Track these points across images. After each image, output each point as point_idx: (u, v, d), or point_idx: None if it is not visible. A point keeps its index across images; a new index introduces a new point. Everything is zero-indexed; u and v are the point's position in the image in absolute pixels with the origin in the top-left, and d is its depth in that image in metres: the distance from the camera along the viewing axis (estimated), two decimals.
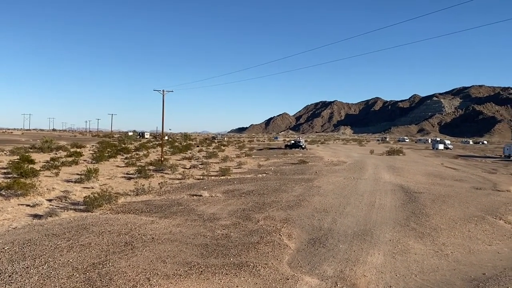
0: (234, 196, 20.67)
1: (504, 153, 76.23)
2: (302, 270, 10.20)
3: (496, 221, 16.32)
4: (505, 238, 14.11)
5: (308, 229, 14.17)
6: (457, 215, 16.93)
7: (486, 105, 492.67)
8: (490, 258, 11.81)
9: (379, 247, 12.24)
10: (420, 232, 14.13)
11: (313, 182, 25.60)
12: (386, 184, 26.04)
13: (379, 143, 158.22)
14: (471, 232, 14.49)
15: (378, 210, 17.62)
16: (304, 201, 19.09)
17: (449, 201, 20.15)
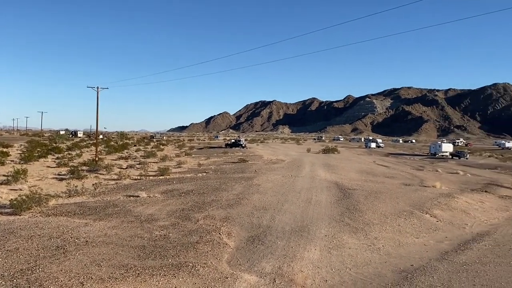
0: (173, 196, 20.36)
1: (430, 151, 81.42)
2: (241, 268, 10.28)
3: (423, 215, 17.38)
4: (430, 231, 15.09)
5: (248, 227, 14.29)
6: (388, 210, 17.83)
7: (414, 106, 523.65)
8: (417, 250, 12.58)
9: (316, 242, 12.62)
10: (354, 227, 14.74)
11: (252, 181, 25.83)
12: (322, 182, 26.86)
13: (315, 142, 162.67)
14: (401, 226, 15.34)
15: (315, 207, 18.14)
16: (244, 199, 19.22)
17: (380, 197, 21.17)
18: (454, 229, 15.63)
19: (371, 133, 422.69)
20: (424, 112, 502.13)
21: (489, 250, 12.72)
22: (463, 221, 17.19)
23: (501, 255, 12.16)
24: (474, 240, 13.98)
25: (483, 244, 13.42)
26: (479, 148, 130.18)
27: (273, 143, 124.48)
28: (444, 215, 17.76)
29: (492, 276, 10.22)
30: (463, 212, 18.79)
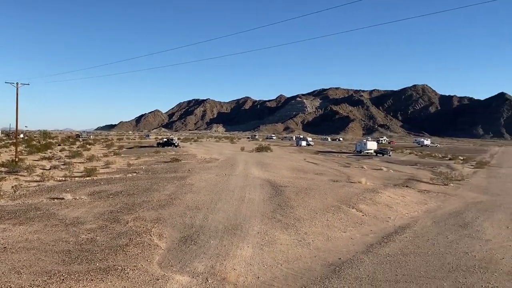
0: (101, 197, 19.52)
1: (356, 149, 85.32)
2: (173, 269, 10.11)
3: (350, 210, 18.17)
4: (357, 225, 15.82)
5: (180, 227, 14.08)
6: (318, 206, 18.43)
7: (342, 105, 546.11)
8: (344, 243, 13.13)
9: (248, 240, 12.73)
10: (286, 223, 15.06)
11: (185, 180, 25.49)
12: (255, 179, 27.16)
13: (249, 140, 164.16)
14: (329, 221, 15.92)
15: (248, 205, 18.30)
16: (176, 199, 18.91)
17: (310, 193, 21.82)
18: (378, 223, 16.52)
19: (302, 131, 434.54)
20: (351, 111, 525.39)
21: (409, 241, 13.60)
22: (387, 214, 18.21)
23: (420, 245, 13.05)
24: (396, 232, 14.86)
25: (404, 236, 14.31)
26: (401, 145, 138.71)
27: (207, 142, 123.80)
28: (369, 209, 18.70)
29: (412, 266, 10.92)
30: (387, 206, 19.91)
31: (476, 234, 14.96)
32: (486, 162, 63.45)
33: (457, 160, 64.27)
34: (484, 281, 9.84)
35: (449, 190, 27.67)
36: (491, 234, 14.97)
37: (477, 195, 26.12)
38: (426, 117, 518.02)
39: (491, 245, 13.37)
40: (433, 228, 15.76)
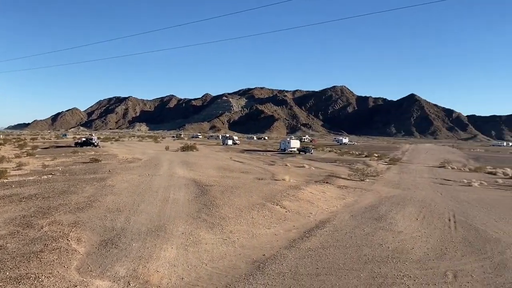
0: (11, 201, 18.08)
1: (280, 147, 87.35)
2: (92, 274, 9.66)
3: (274, 207, 18.56)
4: (280, 221, 16.21)
5: (100, 230, 13.48)
6: (243, 204, 18.60)
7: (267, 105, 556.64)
8: (269, 240, 13.40)
9: (173, 241, 12.52)
10: (211, 223, 15.03)
11: (106, 181, 24.45)
12: (180, 179, 26.77)
13: (174, 139, 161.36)
14: (254, 219, 16.14)
15: (172, 205, 17.99)
16: (96, 201, 18.07)
17: (236, 191, 21.97)
18: (300, 218, 17.06)
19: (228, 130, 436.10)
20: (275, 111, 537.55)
21: (329, 235, 14.21)
22: (308, 210, 18.86)
23: (339, 239, 13.69)
24: (317, 227, 15.45)
25: (324, 230, 14.93)
26: (322, 144, 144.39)
27: (130, 141, 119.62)
28: (292, 205, 19.25)
29: (332, 258, 11.43)
30: (308, 202, 20.62)
31: (389, 226, 16.00)
32: (398, 158, 68.07)
33: (372, 157, 68.26)
34: (396, 270, 10.56)
35: (365, 186, 29.30)
36: (403, 226, 16.10)
37: (390, 189, 27.94)
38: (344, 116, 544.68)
39: (403, 236, 14.39)
40: (351, 222, 16.61)
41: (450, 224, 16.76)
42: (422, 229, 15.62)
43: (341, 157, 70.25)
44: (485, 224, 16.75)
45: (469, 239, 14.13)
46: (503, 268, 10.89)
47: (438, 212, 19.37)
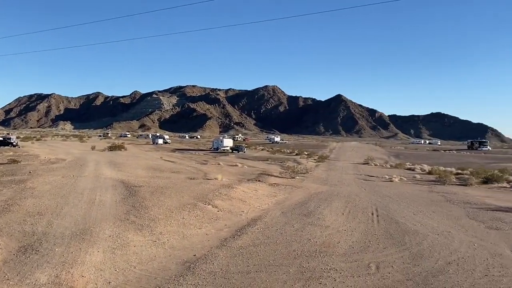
0: None
1: (213, 146, 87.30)
2: (10, 283, 9.00)
3: (206, 207, 18.45)
4: (212, 221, 16.15)
5: (19, 236, 12.58)
6: (174, 205, 18.29)
7: (199, 103, 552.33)
8: (200, 240, 13.30)
9: (99, 244, 12.01)
10: (140, 224, 14.61)
11: (26, 183, 22.87)
12: (107, 180, 25.76)
13: (101, 139, 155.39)
14: (185, 219, 15.93)
15: (99, 207, 17.24)
16: (14, 205, 16.82)
17: (166, 192, 21.56)
18: (232, 217, 17.12)
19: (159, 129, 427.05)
20: (208, 109, 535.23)
21: (260, 232, 14.40)
22: (240, 208, 18.98)
23: (270, 236, 13.93)
24: (249, 225, 15.59)
25: (256, 228, 15.10)
26: (255, 142, 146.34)
27: (53, 141, 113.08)
28: (224, 204, 19.27)
29: (262, 255, 11.60)
30: (241, 201, 20.76)
31: (317, 221, 16.55)
32: (326, 156, 70.77)
33: (302, 155, 70.36)
34: (323, 264, 10.95)
35: (295, 183, 30.09)
36: (330, 221, 16.73)
37: (319, 186, 28.94)
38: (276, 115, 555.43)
39: (330, 231, 14.95)
40: (282, 219, 16.96)
41: (373, 217, 17.69)
42: (347, 223, 16.33)
43: (273, 155, 71.61)
44: (405, 217, 17.88)
45: (390, 232, 14.99)
46: (420, 258, 11.68)
47: (362, 207, 20.37)
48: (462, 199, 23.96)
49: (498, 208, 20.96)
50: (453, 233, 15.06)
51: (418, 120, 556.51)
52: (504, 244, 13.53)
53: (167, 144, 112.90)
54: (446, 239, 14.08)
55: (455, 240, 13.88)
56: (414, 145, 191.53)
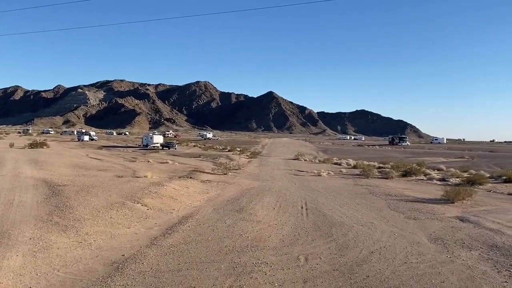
0: None
1: (143, 143, 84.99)
2: None
3: (135, 205, 17.94)
4: (141, 219, 15.76)
5: None
6: (101, 204, 17.58)
7: (127, 98, 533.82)
8: (129, 239, 12.92)
9: (18, 248, 11.25)
10: (64, 225, 13.89)
11: None
12: (27, 180, 24.17)
13: (20, 135, 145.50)
14: (113, 218, 15.39)
15: (18, 208, 16.13)
16: None
17: (93, 191, 20.66)
18: (163, 215, 16.82)
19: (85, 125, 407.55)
20: (137, 105, 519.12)
21: (192, 230, 14.30)
22: (171, 206, 18.69)
23: (201, 233, 13.88)
24: (180, 223, 15.41)
25: (187, 225, 14.96)
26: (186, 139, 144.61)
27: None
28: (154, 202, 18.87)
29: (194, 253, 11.53)
30: (171, 198, 20.44)
31: (249, 217, 16.76)
32: (258, 152, 71.71)
33: (235, 151, 70.73)
34: (254, 258, 11.12)
35: (228, 179, 30.21)
36: (261, 216, 17.01)
37: (251, 181, 29.28)
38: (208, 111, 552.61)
39: (261, 226, 15.20)
40: (214, 215, 16.96)
41: (303, 211, 18.25)
42: (278, 218, 16.71)
43: (206, 151, 71.29)
44: (332, 210, 18.64)
45: (318, 224, 15.56)
46: (345, 249, 12.25)
47: (292, 201, 20.93)
48: (383, 192, 25.45)
49: (416, 199, 22.53)
50: (375, 223, 15.96)
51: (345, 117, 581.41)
52: (422, 233, 14.58)
53: (93, 141, 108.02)
54: (369, 229, 14.89)
55: (378, 231, 14.73)
56: (340, 141, 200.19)
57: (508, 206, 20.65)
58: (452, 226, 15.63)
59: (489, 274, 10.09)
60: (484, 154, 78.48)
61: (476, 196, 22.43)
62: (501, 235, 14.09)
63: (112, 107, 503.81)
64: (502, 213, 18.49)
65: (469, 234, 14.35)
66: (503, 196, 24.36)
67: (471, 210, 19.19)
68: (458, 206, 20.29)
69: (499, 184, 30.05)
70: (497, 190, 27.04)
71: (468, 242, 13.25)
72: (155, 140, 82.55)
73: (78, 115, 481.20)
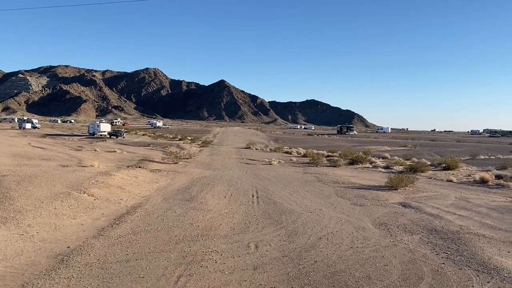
0: None
1: (89, 131, 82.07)
2: None
3: (81, 195, 17.34)
4: (88, 210, 15.28)
5: None
6: (44, 194, 16.84)
7: (73, 85, 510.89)
8: (74, 231, 12.50)
9: None
10: (3, 217, 13.18)
11: None
12: None
13: None
14: (57, 209, 14.81)
15: None
16: None
17: (36, 181, 19.72)
18: (110, 205, 16.39)
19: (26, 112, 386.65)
20: (83, 92, 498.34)
21: (141, 220, 14.05)
22: (119, 196, 18.25)
23: (151, 222, 13.68)
24: (128, 213, 15.10)
25: (136, 215, 14.69)
26: (135, 127, 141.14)
27: None
28: (102, 192, 18.34)
29: (143, 243, 11.35)
30: (119, 188, 19.95)
31: (200, 206, 16.71)
32: (210, 141, 71.41)
33: (186, 140, 70.00)
34: (205, 247, 11.12)
35: (178, 168, 29.88)
36: (212, 205, 17.01)
37: (202, 171, 29.14)
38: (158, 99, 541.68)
39: (212, 214, 15.21)
40: (163, 205, 16.75)
41: (254, 199, 18.44)
42: (229, 206, 16.78)
43: (155, 140, 70.05)
44: (282, 198, 18.96)
45: (269, 212, 15.79)
46: (295, 235, 12.52)
47: (243, 190, 21.08)
48: (332, 179, 26.19)
49: (362, 186, 23.38)
50: (323, 210, 16.42)
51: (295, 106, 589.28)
52: (367, 218, 15.17)
53: (36, 129, 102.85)
54: (317, 216, 15.30)
55: (325, 217, 15.17)
56: (291, 130, 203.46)
57: (447, 192, 21.90)
58: (395, 212, 16.38)
59: (428, 257, 10.69)
60: (426, 143, 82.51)
61: (418, 183, 23.60)
62: (440, 220, 14.96)
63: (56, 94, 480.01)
64: (441, 199, 19.61)
65: (410, 219, 15.12)
66: (442, 183, 25.79)
67: (413, 196, 20.20)
68: (401, 192, 21.28)
69: (439, 172, 31.79)
70: (437, 177, 28.60)
71: (410, 226, 13.96)
72: (102, 128, 79.96)
73: (19, 101, 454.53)
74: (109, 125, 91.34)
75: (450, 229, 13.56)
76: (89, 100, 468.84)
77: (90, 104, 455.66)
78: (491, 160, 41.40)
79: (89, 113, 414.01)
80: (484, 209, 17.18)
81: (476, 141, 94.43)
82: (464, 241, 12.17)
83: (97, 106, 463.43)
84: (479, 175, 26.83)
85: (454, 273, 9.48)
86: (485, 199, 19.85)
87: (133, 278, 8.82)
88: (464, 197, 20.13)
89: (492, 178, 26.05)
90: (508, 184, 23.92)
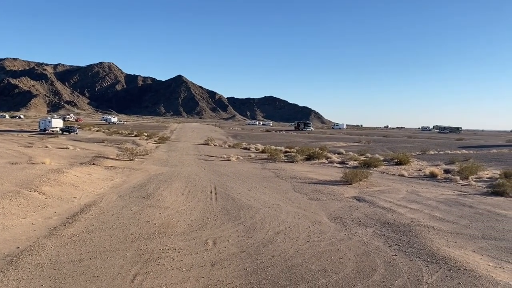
0: None
1: (40, 127, 78.85)
2: None
3: (31, 194, 16.66)
4: (39, 209, 14.70)
5: None
6: None
7: (22, 79, 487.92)
8: (24, 230, 11.99)
9: None
10: None
11: None
12: None
13: None
14: (6, 209, 14.14)
15: None
16: None
17: None
18: (63, 204, 15.84)
19: None
20: (33, 86, 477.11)
21: (95, 218, 13.68)
22: (72, 194, 17.67)
23: (105, 221, 13.34)
24: (82, 211, 14.64)
25: (90, 214, 14.27)
26: (89, 123, 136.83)
27: None
28: (53, 191, 17.69)
29: (97, 242, 11.06)
30: (72, 186, 19.31)
31: (156, 203, 16.46)
32: (167, 137, 70.40)
33: (142, 136, 68.68)
34: (162, 245, 10.99)
35: (134, 165, 29.26)
36: (170, 202, 16.80)
37: (159, 167, 28.69)
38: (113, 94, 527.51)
39: (169, 211, 15.02)
40: (119, 202, 16.37)
41: (212, 196, 18.38)
42: (187, 203, 16.64)
43: (110, 136, 68.22)
44: (240, 194, 19.01)
45: (227, 208, 15.80)
46: (253, 231, 12.61)
47: (201, 186, 20.95)
48: (289, 175, 26.52)
49: (318, 181, 23.83)
50: (281, 205, 16.62)
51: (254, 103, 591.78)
52: (323, 212, 15.50)
53: None
54: (275, 211, 15.47)
55: (283, 212, 15.36)
56: (250, 126, 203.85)
57: (399, 186, 22.74)
58: (350, 206, 16.84)
59: (381, 249, 11.08)
60: (379, 139, 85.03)
61: (371, 177, 24.34)
62: (392, 213, 15.53)
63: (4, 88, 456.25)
64: (393, 192, 20.34)
65: (364, 212, 15.59)
66: (395, 177, 26.75)
67: (366, 190, 20.82)
68: (356, 187, 21.89)
69: (392, 166, 32.92)
70: (390, 172, 29.61)
71: (364, 220, 14.40)
72: (54, 124, 76.96)
73: None
74: (61, 120, 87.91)
75: (402, 222, 14.11)
76: (40, 94, 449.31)
77: (41, 99, 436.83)
78: (440, 155, 43.22)
79: (40, 109, 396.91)
80: (434, 202, 17.99)
81: (426, 137, 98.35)
82: (415, 233, 12.70)
83: (49, 101, 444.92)
84: (429, 170, 28.06)
85: (405, 264, 9.88)
86: (435, 192, 20.79)
87: (87, 278, 8.59)
88: (415, 191, 20.98)
89: (441, 172, 27.31)
90: (456, 178, 25.15)
